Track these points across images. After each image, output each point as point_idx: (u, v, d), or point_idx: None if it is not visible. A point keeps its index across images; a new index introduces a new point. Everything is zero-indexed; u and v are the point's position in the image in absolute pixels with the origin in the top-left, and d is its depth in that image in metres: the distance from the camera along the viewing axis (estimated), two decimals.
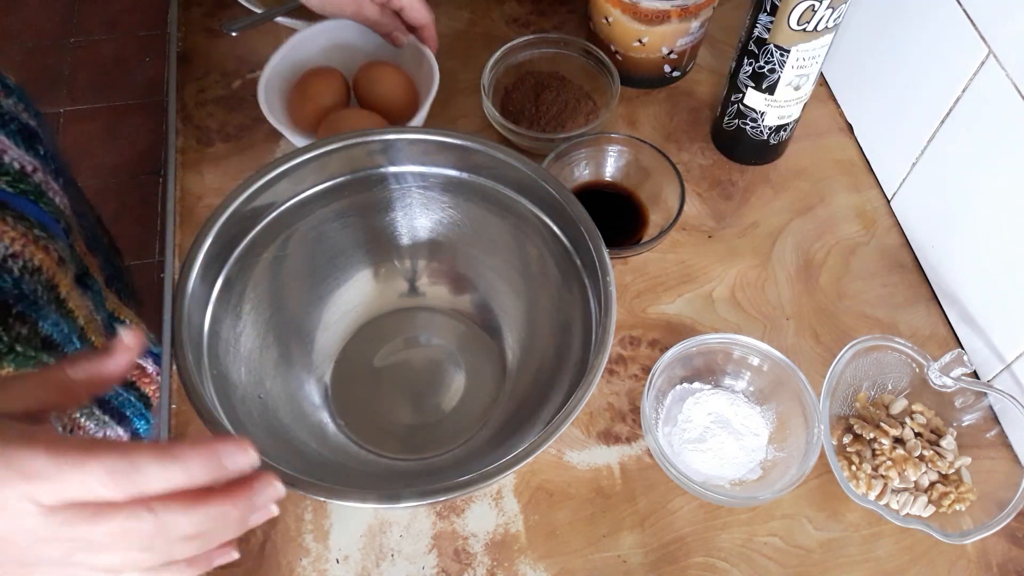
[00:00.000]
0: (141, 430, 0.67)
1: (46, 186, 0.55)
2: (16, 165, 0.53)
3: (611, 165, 0.73)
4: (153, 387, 0.68)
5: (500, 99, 0.77)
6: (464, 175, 0.60)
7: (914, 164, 0.69)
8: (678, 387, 0.63)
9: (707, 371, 0.63)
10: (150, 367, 0.68)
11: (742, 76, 0.69)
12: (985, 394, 0.61)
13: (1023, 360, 0.60)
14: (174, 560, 0.36)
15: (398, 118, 0.73)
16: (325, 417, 0.62)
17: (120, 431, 0.66)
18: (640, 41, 0.76)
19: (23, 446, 0.33)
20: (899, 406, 0.62)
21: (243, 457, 0.36)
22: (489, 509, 0.59)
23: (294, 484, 0.46)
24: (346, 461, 0.60)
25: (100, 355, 0.39)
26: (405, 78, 0.74)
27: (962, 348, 0.65)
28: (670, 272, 0.70)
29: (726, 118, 0.74)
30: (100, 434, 0.63)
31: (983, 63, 0.59)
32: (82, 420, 0.62)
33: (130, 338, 0.39)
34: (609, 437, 0.62)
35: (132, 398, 0.67)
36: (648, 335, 0.67)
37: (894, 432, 0.60)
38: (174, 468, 0.34)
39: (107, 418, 0.64)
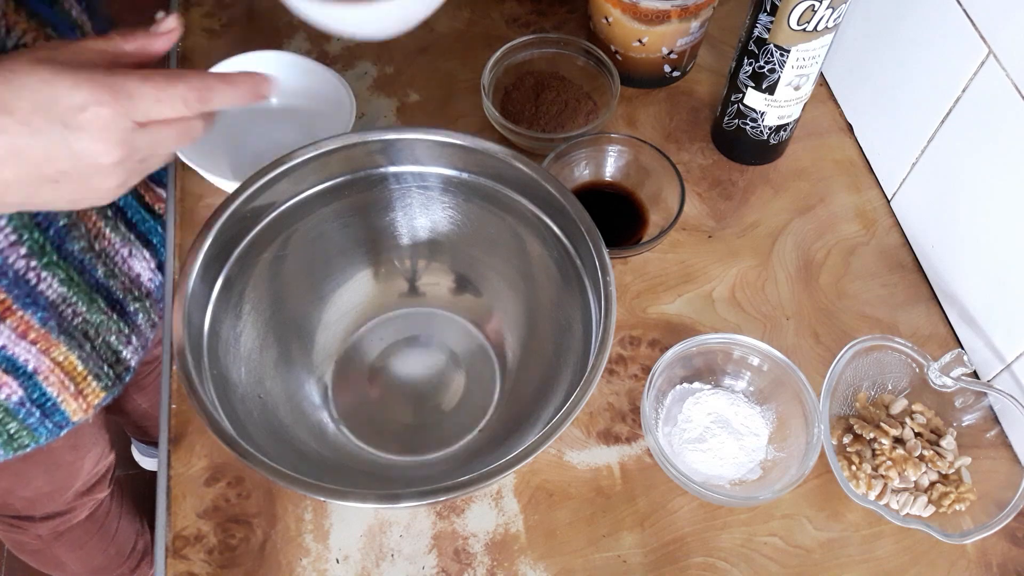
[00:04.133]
0: (161, 255, 0.72)
1: None
2: None
3: (611, 165, 0.73)
4: (161, 206, 0.73)
5: (500, 99, 0.77)
6: (464, 175, 0.60)
7: (914, 164, 0.69)
8: (678, 387, 0.63)
9: (707, 371, 0.63)
10: (159, 190, 0.73)
11: (742, 76, 0.69)
12: (985, 394, 0.61)
13: (1023, 360, 0.60)
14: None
15: None
16: (325, 417, 0.62)
17: (147, 253, 0.70)
18: (640, 41, 0.76)
19: (121, 75, 0.40)
20: (899, 406, 0.62)
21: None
22: (489, 509, 0.59)
23: (294, 484, 0.46)
24: (346, 461, 0.60)
25: (149, 33, 0.45)
26: None
27: (962, 348, 0.65)
28: (670, 272, 0.70)
29: (726, 118, 0.74)
30: (126, 251, 0.68)
31: (983, 63, 0.59)
32: (108, 231, 0.65)
33: (172, 21, 0.45)
34: (609, 437, 0.62)
35: (158, 227, 0.71)
36: (648, 335, 0.67)
37: (894, 432, 0.60)
38: (234, 92, 0.44)
39: (133, 236, 0.68)
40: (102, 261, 0.65)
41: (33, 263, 0.57)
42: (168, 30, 0.45)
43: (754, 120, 0.71)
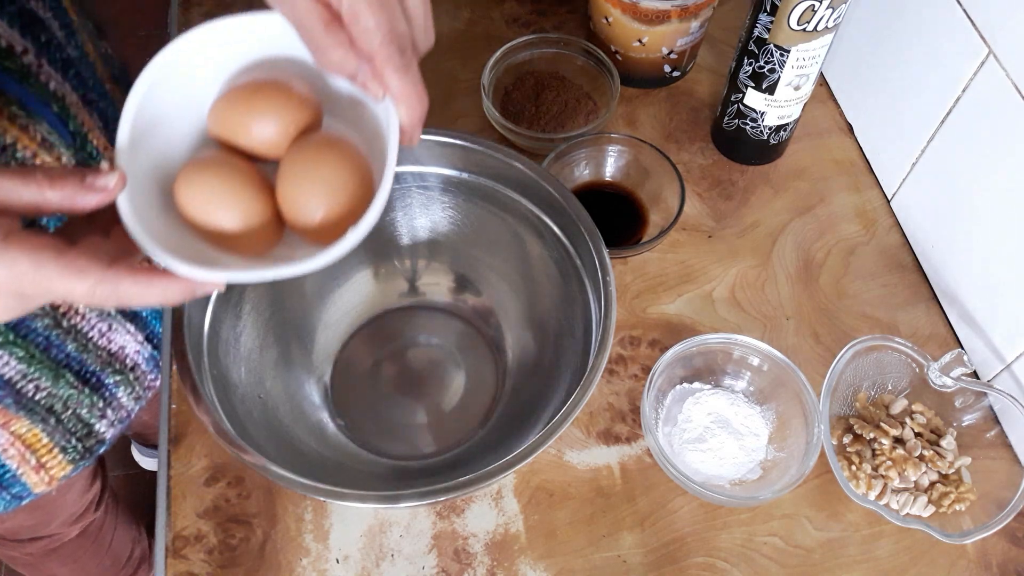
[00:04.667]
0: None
1: (37, 68, 0.54)
2: (3, 43, 0.51)
3: (611, 165, 0.73)
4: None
5: (500, 99, 0.77)
6: (464, 175, 0.60)
7: (914, 164, 0.69)
8: (678, 387, 0.63)
9: (707, 371, 0.63)
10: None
11: (742, 76, 0.69)
12: (985, 394, 0.61)
13: (1023, 360, 0.60)
14: None
15: (332, 232, 0.40)
16: (325, 417, 0.62)
17: (131, 326, 0.66)
18: (640, 41, 0.76)
19: None
20: (899, 406, 0.62)
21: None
22: (489, 509, 0.59)
23: (294, 484, 0.46)
24: (346, 461, 0.60)
25: (82, 184, 0.35)
26: (358, 164, 0.41)
27: (962, 348, 0.65)
28: (670, 272, 0.70)
29: (726, 118, 0.74)
30: (104, 326, 0.63)
31: (983, 63, 0.59)
32: (81, 308, 0.61)
33: (113, 179, 0.36)
34: (609, 437, 0.62)
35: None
36: (648, 335, 0.67)
37: (894, 432, 0.60)
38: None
39: (112, 311, 0.64)
40: (72, 337, 0.60)
41: None
42: (103, 187, 0.35)
43: (754, 120, 0.71)
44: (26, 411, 0.60)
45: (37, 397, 0.60)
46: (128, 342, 0.66)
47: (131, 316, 0.65)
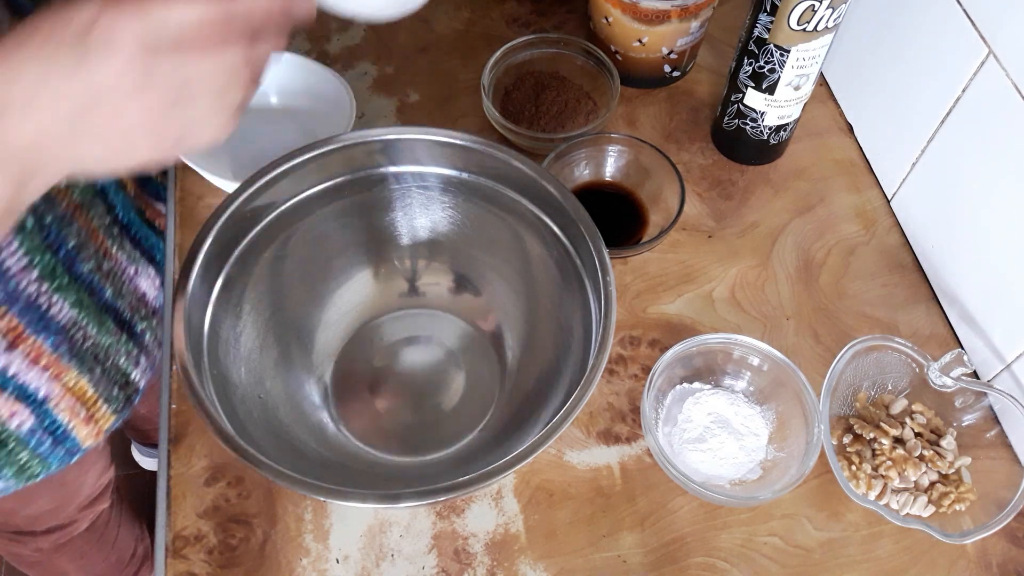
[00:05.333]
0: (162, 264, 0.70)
1: None
2: None
3: (611, 165, 0.73)
4: (162, 222, 0.71)
5: (500, 99, 0.77)
6: (464, 175, 0.60)
7: (914, 164, 0.69)
8: (678, 387, 0.63)
9: (707, 371, 0.63)
10: (159, 206, 0.71)
11: (742, 76, 0.69)
12: (985, 394, 0.61)
13: (1023, 360, 0.60)
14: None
15: None
16: (325, 417, 0.62)
17: (152, 270, 0.69)
18: (640, 41, 0.76)
19: None
20: (899, 406, 0.62)
21: None
22: (489, 509, 0.59)
23: (294, 484, 0.46)
24: (346, 461, 0.60)
25: None
26: None
27: (962, 348, 0.65)
28: (670, 272, 0.70)
29: (726, 118, 0.74)
30: (132, 270, 0.66)
31: (983, 63, 0.59)
32: (114, 251, 0.64)
33: None
34: (609, 437, 0.62)
35: (160, 243, 0.70)
36: (648, 335, 0.67)
37: (894, 432, 0.60)
38: None
39: (138, 254, 0.67)
40: (110, 281, 0.64)
41: (44, 287, 0.57)
42: None
43: (754, 120, 0.71)
44: (77, 360, 0.61)
45: (85, 346, 0.62)
46: (149, 288, 0.68)
47: (150, 259, 0.68)
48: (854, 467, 0.59)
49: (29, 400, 0.60)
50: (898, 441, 0.60)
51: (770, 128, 0.72)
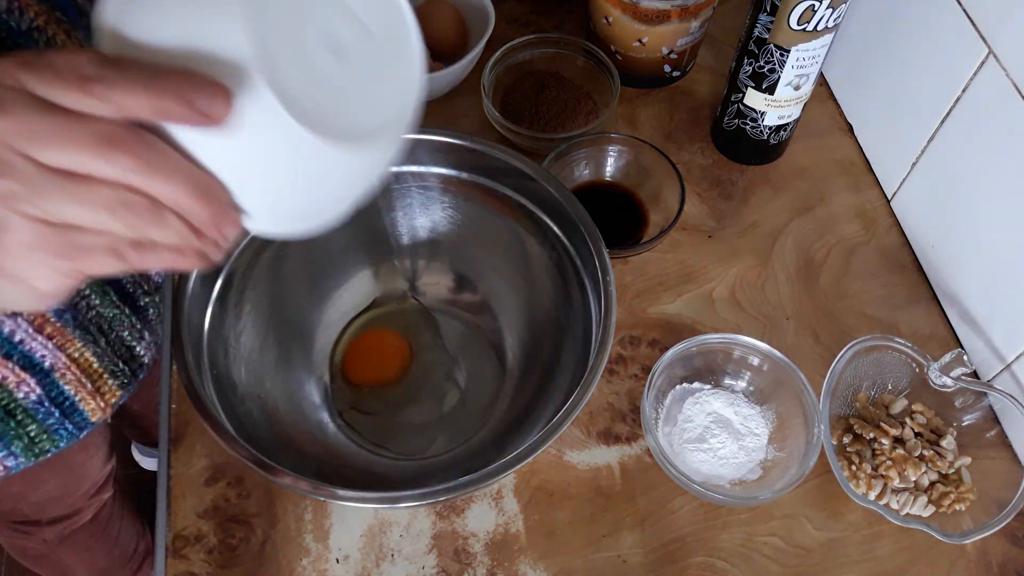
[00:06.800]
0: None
1: None
2: None
3: (611, 165, 0.73)
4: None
5: (500, 99, 0.77)
6: (464, 175, 0.60)
7: (914, 164, 0.69)
8: (678, 387, 0.63)
9: (707, 371, 0.63)
10: None
11: (742, 76, 0.69)
12: (985, 394, 0.61)
13: (1023, 360, 0.60)
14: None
15: (447, 57, 0.76)
16: (325, 417, 0.62)
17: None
18: (640, 41, 0.76)
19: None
20: (899, 406, 0.62)
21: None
22: (489, 509, 0.59)
23: (294, 484, 0.46)
24: (346, 461, 0.60)
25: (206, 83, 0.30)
26: (457, 15, 0.79)
27: (962, 348, 0.65)
28: (670, 272, 0.70)
29: (726, 118, 0.74)
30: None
31: (983, 63, 0.59)
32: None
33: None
34: (609, 437, 0.62)
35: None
36: (648, 335, 0.67)
37: (894, 432, 0.60)
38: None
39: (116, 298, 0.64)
40: None
41: None
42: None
43: (754, 120, 0.71)
44: (81, 330, 0.61)
45: (89, 315, 0.61)
46: None
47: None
48: (854, 467, 0.59)
49: (35, 369, 0.60)
50: (898, 441, 0.60)
51: (770, 128, 0.72)
